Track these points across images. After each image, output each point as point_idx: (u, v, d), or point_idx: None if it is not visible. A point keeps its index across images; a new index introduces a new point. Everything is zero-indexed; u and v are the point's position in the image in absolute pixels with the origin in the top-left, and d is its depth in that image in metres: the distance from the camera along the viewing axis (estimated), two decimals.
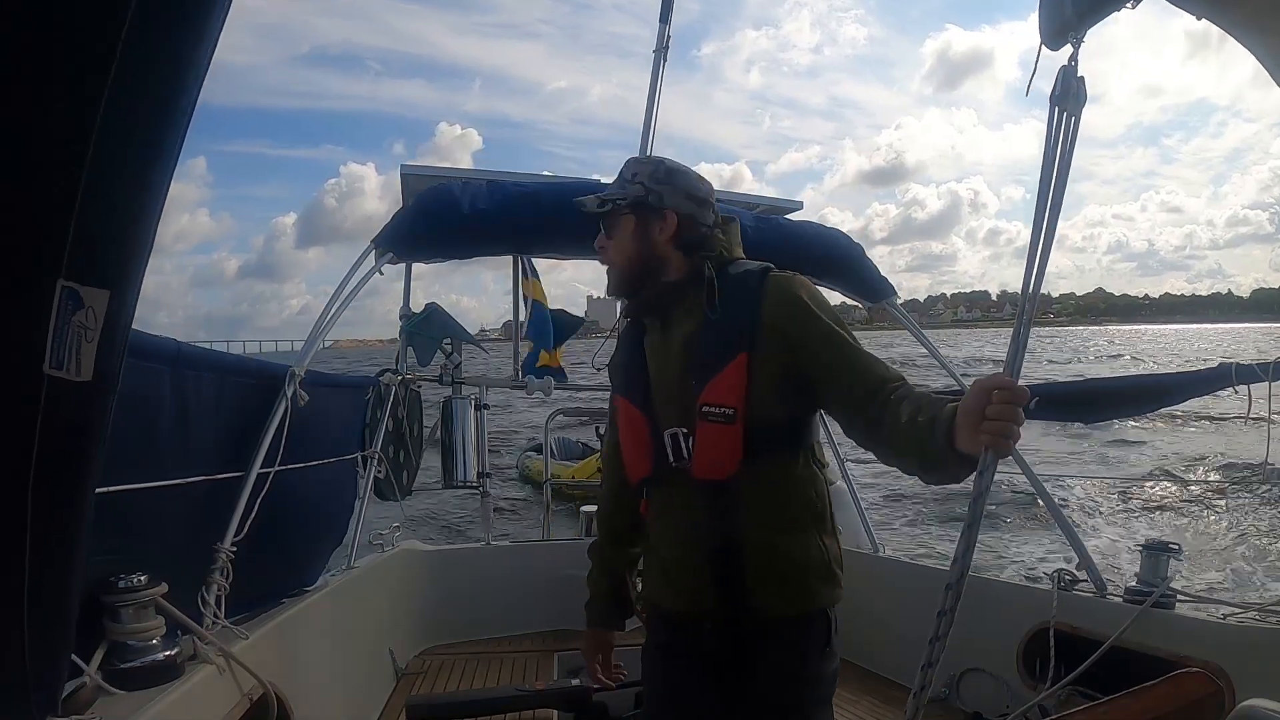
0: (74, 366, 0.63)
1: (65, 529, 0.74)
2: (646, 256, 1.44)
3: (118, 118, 0.58)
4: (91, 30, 0.56)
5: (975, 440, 1.00)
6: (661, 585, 1.47)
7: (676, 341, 1.42)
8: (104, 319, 0.63)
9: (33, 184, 0.58)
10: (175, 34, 0.60)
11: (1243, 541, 8.23)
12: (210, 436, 1.81)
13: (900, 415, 1.18)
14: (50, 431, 0.64)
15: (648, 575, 1.55)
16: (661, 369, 1.45)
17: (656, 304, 1.46)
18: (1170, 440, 15.11)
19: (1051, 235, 0.95)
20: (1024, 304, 0.97)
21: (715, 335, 1.38)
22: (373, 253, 2.65)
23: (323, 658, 2.23)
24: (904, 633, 2.72)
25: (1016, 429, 0.97)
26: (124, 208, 0.62)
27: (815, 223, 3.14)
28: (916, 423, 1.13)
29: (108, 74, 0.57)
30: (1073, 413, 3.19)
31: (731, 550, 1.36)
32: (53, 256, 0.59)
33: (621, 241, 1.45)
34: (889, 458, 1.26)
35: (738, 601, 1.37)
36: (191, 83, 0.61)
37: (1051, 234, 0.95)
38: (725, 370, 1.35)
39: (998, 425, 0.97)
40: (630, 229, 1.44)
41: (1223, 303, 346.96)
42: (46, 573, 0.75)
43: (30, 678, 0.86)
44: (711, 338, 1.38)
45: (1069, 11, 0.96)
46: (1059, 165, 0.95)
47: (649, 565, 1.55)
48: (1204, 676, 1.60)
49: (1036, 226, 0.96)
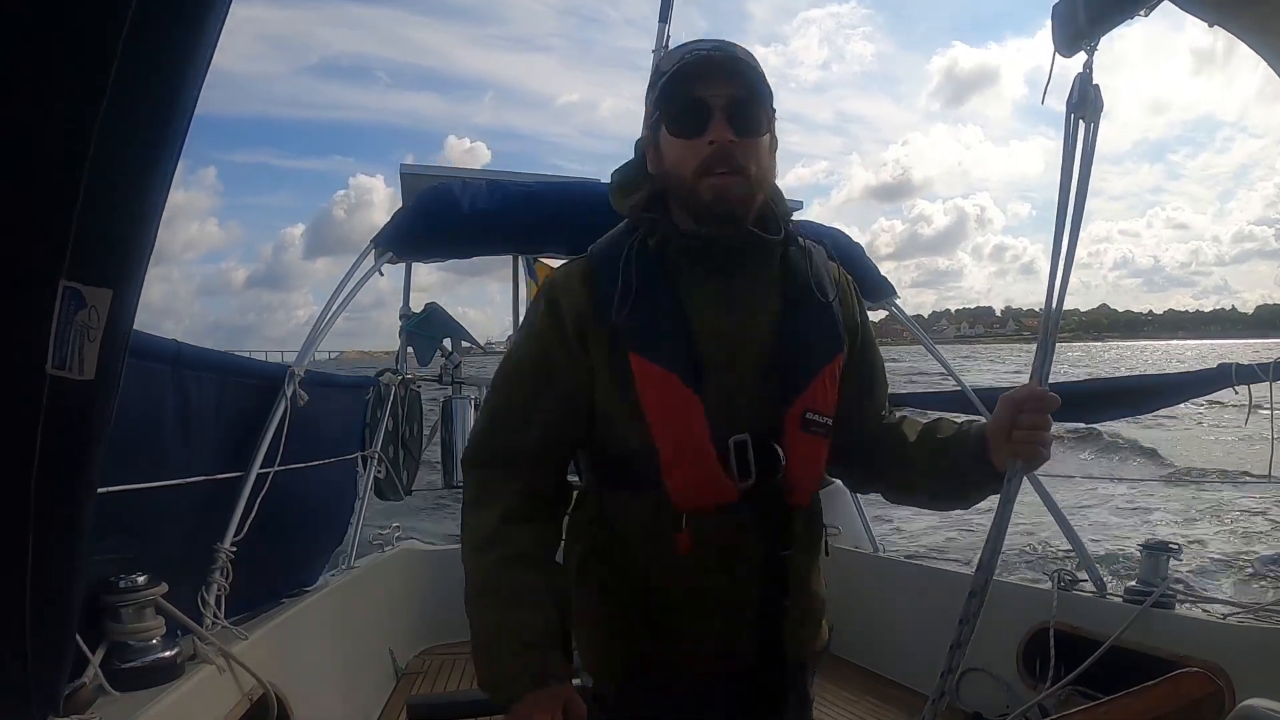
0: (76, 366, 0.63)
1: (67, 528, 0.74)
2: (768, 182, 1.08)
3: (119, 117, 0.58)
4: (92, 30, 0.56)
5: (1009, 454, 0.97)
6: (659, 636, 1.07)
7: (754, 314, 1.06)
8: (106, 318, 0.63)
9: (35, 185, 0.58)
10: (175, 33, 0.60)
11: (1243, 541, 8.23)
12: (210, 436, 1.81)
13: (908, 434, 1.11)
14: (52, 431, 0.64)
15: (610, 629, 1.11)
16: (725, 346, 1.04)
17: (742, 252, 1.07)
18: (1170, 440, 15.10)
19: (1074, 245, 0.95)
20: (1048, 314, 0.97)
21: (818, 321, 1.09)
22: (373, 252, 2.65)
23: (323, 658, 2.23)
24: (904, 633, 2.72)
25: (1050, 438, 0.97)
26: (126, 207, 0.62)
27: (815, 222, 3.15)
28: (938, 439, 1.07)
29: (108, 74, 0.57)
30: (1074, 412, 3.20)
31: (780, 587, 1.07)
32: (55, 257, 0.59)
33: (762, 148, 1.05)
34: (901, 481, 1.14)
35: (774, 648, 1.08)
36: (192, 82, 0.61)
37: (1074, 244, 0.95)
38: (828, 369, 1.08)
39: (1032, 435, 0.95)
40: (768, 139, 1.06)
41: (1226, 319, 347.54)
42: (48, 572, 0.75)
43: (31, 677, 0.86)
44: (813, 323, 1.09)
45: (1082, 19, 0.96)
46: (1079, 173, 0.95)
47: (613, 614, 1.10)
48: (1204, 676, 1.60)
49: (1058, 236, 0.96)
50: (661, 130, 1.06)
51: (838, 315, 1.11)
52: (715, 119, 1.00)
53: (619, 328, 1.02)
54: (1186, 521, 9.23)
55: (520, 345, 1.10)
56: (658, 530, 1.03)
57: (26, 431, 0.63)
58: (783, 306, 1.08)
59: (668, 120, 1.04)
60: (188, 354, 1.67)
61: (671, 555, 1.02)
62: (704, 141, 1.00)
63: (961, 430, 1.07)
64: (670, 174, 1.06)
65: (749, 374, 1.04)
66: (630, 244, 1.06)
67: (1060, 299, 0.97)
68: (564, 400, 1.05)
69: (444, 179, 2.95)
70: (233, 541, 1.78)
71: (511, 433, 1.06)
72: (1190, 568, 6.89)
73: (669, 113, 1.04)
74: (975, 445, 1.02)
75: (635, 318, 1.02)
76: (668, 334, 1.02)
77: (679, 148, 1.03)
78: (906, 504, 1.20)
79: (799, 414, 1.04)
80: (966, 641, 0.98)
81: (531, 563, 1.01)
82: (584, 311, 1.04)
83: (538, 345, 1.06)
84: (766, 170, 1.06)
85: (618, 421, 1.04)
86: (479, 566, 1.01)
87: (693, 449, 1.00)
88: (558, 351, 1.04)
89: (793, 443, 1.04)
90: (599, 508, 1.11)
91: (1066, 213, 0.95)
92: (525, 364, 1.07)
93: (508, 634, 0.96)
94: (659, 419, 1.01)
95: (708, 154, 1.00)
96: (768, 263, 1.09)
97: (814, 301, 1.09)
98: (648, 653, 1.08)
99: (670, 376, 1.01)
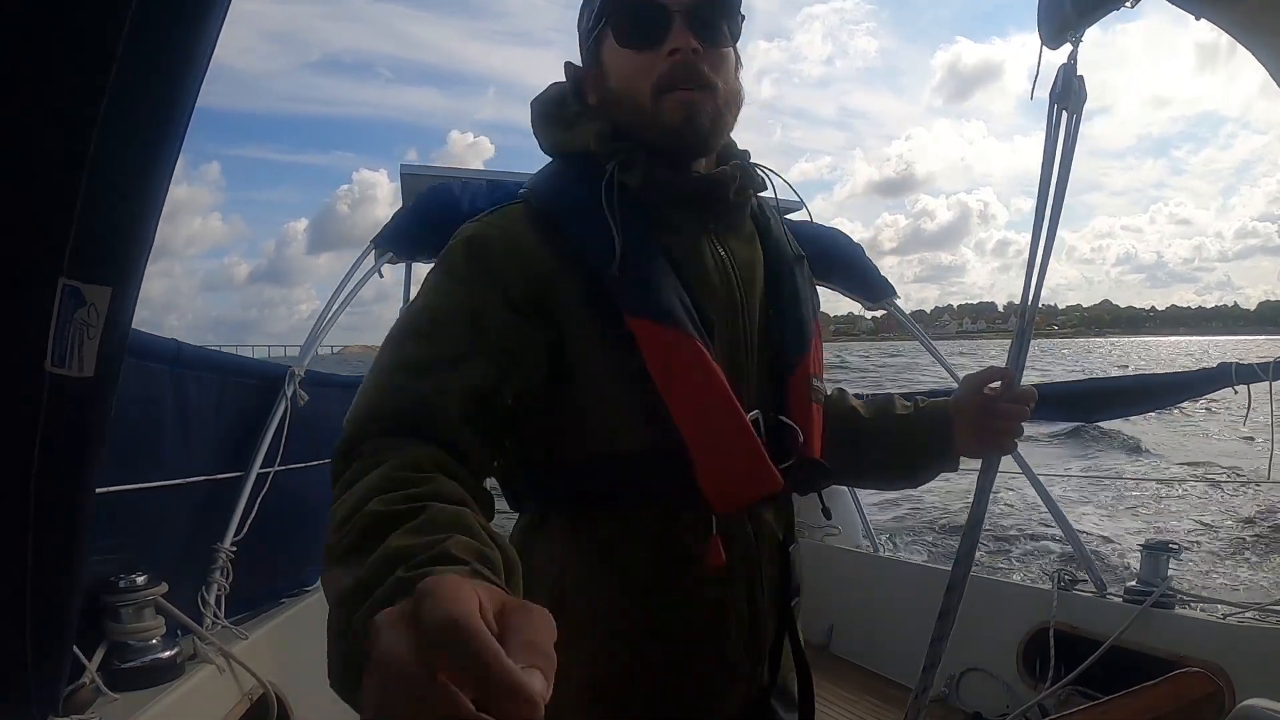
0: (76, 363, 0.63)
1: (67, 528, 0.74)
2: (737, 104, 0.89)
3: (119, 116, 0.58)
4: (92, 29, 0.56)
5: (977, 442, 0.98)
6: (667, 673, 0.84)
7: (752, 267, 0.91)
8: (106, 316, 0.63)
9: (34, 183, 0.58)
10: (175, 31, 0.60)
11: (1243, 541, 8.23)
12: (210, 436, 1.81)
13: (860, 410, 1.04)
14: (52, 428, 0.64)
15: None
16: (728, 308, 0.86)
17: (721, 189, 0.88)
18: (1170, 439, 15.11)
19: (1053, 234, 0.97)
20: (1025, 303, 0.98)
21: (798, 278, 0.95)
22: (373, 253, 2.65)
23: (323, 658, 2.22)
24: (903, 633, 2.72)
25: (1022, 428, 0.97)
26: (125, 205, 0.62)
27: (816, 223, 3.14)
28: (897, 417, 1.02)
29: (108, 74, 0.57)
30: (1073, 411, 3.20)
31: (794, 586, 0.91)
32: (54, 256, 0.59)
33: (726, 60, 0.86)
34: (849, 458, 1.02)
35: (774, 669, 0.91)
36: (192, 81, 0.61)
37: (1053, 233, 0.97)
38: (815, 330, 0.95)
39: (1003, 425, 0.96)
40: (731, 53, 0.88)
41: (1228, 315, 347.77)
42: (48, 572, 0.75)
43: (31, 677, 0.86)
44: (800, 279, 0.95)
45: (1068, 10, 0.97)
46: (1060, 162, 0.97)
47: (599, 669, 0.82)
48: (1204, 676, 1.60)
49: (1037, 226, 0.98)
50: (606, 44, 0.87)
51: (806, 271, 0.98)
52: (675, 24, 0.82)
53: (611, 286, 0.79)
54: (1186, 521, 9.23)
55: (432, 291, 0.79)
56: (672, 547, 0.82)
57: (26, 429, 0.63)
58: (765, 259, 0.93)
59: (617, 30, 0.85)
60: (187, 354, 1.67)
61: (689, 574, 0.82)
62: (662, 53, 0.82)
63: (921, 411, 1.03)
64: (620, 96, 0.86)
65: (750, 337, 0.87)
66: (606, 182, 0.83)
67: (1038, 288, 0.99)
68: (498, 363, 0.74)
69: (444, 179, 2.95)
70: (233, 541, 1.78)
71: (421, 391, 0.71)
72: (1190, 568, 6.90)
73: (619, 20, 0.85)
74: (941, 427, 1.00)
75: (635, 273, 0.79)
76: (675, 293, 0.81)
77: (631, 61, 0.84)
78: (839, 483, 1.09)
79: (804, 380, 0.89)
80: (947, 635, 0.99)
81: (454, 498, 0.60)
82: (543, 267, 0.79)
83: (464, 291, 0.77)
84: (735, 91, 0.88)
85: (614, 411, 0.80)
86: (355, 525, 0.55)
87: (734, 432, 0.80)
88: (494, 301, 0.76)
89: (800, 415, 0.88)
90: (573, 538, 0.83)
91: (1047, 201, 0.96)
92: (445, 308, 0.77)
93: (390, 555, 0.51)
94: (687, 399, 0.78)
95: (667, 66, 0.82)
96: (746, 208, 0.94)
97: (791, 254, 0.96)
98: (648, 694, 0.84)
99: (694, 344, 0.79)
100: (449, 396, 0.71)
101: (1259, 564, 7.34)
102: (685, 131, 0.83)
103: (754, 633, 0.87)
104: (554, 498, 0.85)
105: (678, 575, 0.82)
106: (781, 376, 0.88)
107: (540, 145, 0.93)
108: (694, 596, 0.83)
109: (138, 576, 1.43)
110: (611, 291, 0.79)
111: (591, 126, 0.88)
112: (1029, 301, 0.98)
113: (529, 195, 0.87)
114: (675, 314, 0.79)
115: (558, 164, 0.91)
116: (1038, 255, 0.98)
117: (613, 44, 0.86)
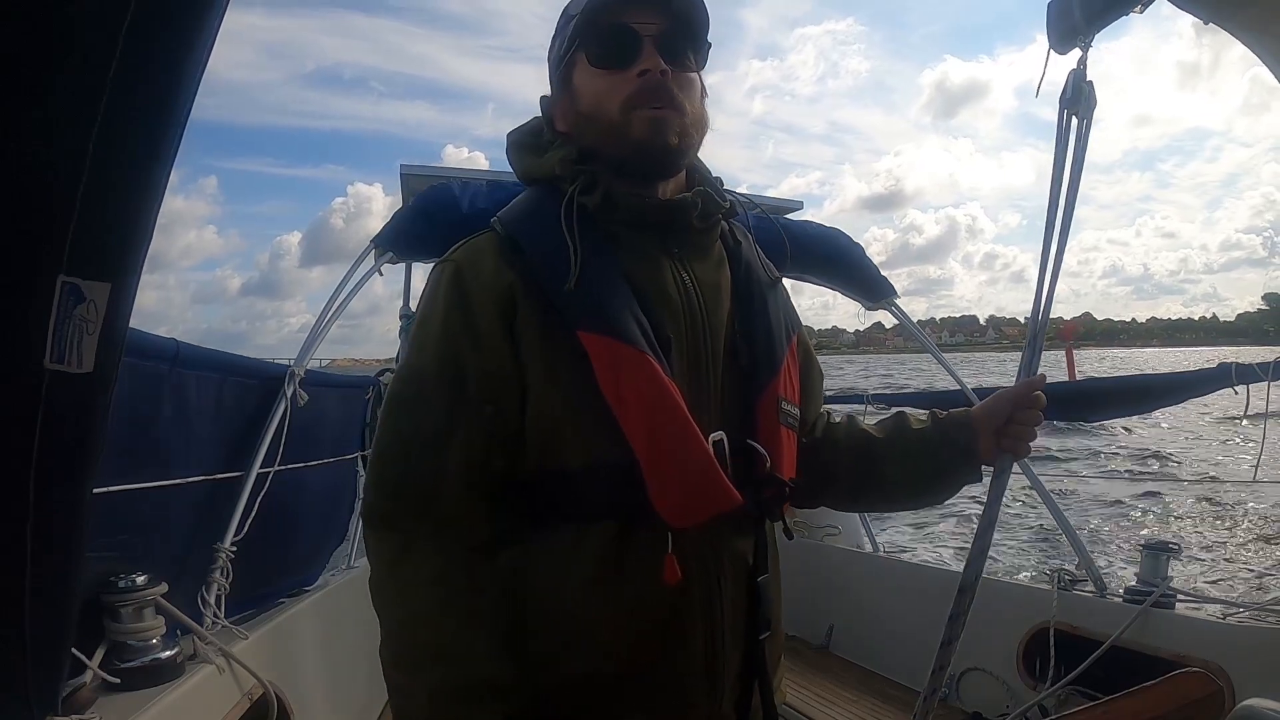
0: (75, 360, 0.63)
1: (66, 526, 0.74)
2: (703, 127, 0.92)
3: (118, 112, 0.58)
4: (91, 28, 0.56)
5: (1004, 449, 0.98)
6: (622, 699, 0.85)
7: (716, 288, 0.92)
8: (105, 311, 0.63)
9: (34, 181, 0.58)
10: (175, 28, 0.60)
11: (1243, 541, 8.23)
12: (210, 436, 1.81)
13: (872, 433, 1.05)
14: (51, 426, 0.64)
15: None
16: (689, 327, 0.88)
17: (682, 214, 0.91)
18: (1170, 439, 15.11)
19: (1064, 242, 0.97)
20: (1036, 312, 0.99)
21: (775, 299, 0.97)
22: (372, 252, 2.65)
23: (323, 658, 2.22)
24: (904, 633, 2.72)
25: (1037, 433, 0.98)
26: (124, 201, 0.62)
27: (816, 223, 3.14)
28: (914, 433, 1.02)
29: (108, 70, 0.57)
30: (1073, 412, 3.20)
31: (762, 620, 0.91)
32: (53, 252, 0.59)
33: (693, 84, 0.90)
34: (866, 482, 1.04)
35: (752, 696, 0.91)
36: (191, 79, 0.61)
37: (1065, 240, 0.97)
38: (789, 353, 0.96)
39: (1026, 431, 0.96)
40: (697, 79, 0.92)
41: (1206, 327, 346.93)
42: (47, 571, 0.75)
43: (30, 677, 0.86)
44: (771, 301, 0.96)
45: (1077, 16, 0.98)
46: (1071, 169, 0.97)
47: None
48: (1204, 676, 1.60)
49: (1048, 233, 0.98)
50: (578, 68, 0.90)
51: (787, 294, 1.01)
52: (645, 47, 0.85)
53: (566, 303, 0.81)
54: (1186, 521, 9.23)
55: (417, 350, 0.86)
56: (627, 563, 0.82)
57: (25, 428, 0.63)
58: (734, 282, 0.95)
59: (589, 52, 0.88)
60: (187, 353, 1.67)
61: (645, 590, 0.82)
62: (632, 73, 0.85)
63: (940, 422, 1.02)
64: (590, 115, 0.89)
65: (714, 359, 0.88)
66: (565, 203, 0.86)
67: (1050, 296, 0.99)
68: (483, 428, 0.83)
69: (444, 179, 2.95)
70: (233, 541, 1.78)
71: (420, 470, 0.82)
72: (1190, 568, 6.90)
73: (592, 43, 0.88)
74: (965, 438, 0.98)
75: (590, 289, 0.82)
76: (629, 310, 0.83)
77: (603, 81, 0.87)
78: (860, 508, 1.16)
79: (773, 403, 0.90)
80: (956, 638, 0.99)
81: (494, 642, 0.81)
82: (506, 291, 0.83)
83: (442, 347, 0.84)
84: (701, 114, 0.91)
85: (568, 425, 0.82)
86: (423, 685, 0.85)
87: (687, 447, 0.81)
88: (468, 351, 0.83)
89: (768, 437, 0.89)
90: (524, 557, 0.86)
91: (1058, 208, 0.97)
92: (428, 373, 0.84)
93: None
94: (639, 413, 0.79)
95: (637, 85, 0.85)
96: (714, 232, 0.96)
97: (763, 278, 0.97)
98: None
99: (646, 360, 0.80)
100: (446, 476, 0.82)
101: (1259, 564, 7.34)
102: (653, 146, 0.86)
103: (712, 657, 0.86)
104: (516, 509, 0.86)
105: (633, 591, 0.82)
106: (750, 399, 0.90)
107: (515, 174, 0.98)
108: (648, 613, 0.83)
109: (138, 576, 1.43)
110: (566, 307, 0.82)
111: (558, 153, 0.92)
112: (1040, 307, 0.99)
113: (497, 223, 0.91)
114: (627, 329, 0.81)
115: (528, 190, 0.95)
116: (1049, 262, 0.98)
117: (585, 66, 0.89)
